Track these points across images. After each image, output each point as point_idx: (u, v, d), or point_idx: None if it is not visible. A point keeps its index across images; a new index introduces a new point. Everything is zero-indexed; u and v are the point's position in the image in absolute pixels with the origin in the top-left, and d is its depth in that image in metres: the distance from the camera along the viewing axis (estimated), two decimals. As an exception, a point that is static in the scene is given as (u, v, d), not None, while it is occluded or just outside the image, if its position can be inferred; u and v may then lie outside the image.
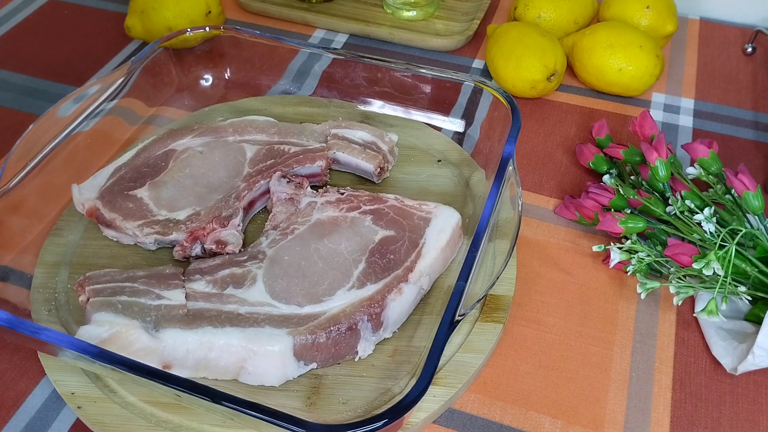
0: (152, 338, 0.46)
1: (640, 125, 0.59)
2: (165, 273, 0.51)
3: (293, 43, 0.66)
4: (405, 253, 0.52)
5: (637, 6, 0.73)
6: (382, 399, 0.47)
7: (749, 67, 0.77)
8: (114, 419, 0.46)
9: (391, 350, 0.50)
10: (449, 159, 0.64)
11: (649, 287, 0.52)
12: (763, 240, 0.50)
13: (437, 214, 0.55)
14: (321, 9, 0.83)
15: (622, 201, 0.56)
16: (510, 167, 0.51)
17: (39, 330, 0.41)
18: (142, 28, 0.75)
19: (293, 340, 0.47)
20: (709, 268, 0.48)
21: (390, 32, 0.79)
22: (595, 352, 0.51)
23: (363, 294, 0.50)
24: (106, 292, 0.49)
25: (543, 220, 0.60)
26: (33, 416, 0.48)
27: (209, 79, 0.71)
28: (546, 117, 0.71)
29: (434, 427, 0.47)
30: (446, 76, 0.62)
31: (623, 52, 0.68)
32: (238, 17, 0.84)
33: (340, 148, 0.61)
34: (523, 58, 0.68)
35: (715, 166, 0.55)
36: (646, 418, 0.48)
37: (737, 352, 0.49)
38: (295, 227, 0.54)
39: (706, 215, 0.51)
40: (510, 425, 0.47)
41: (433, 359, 0.40)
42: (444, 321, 0.42)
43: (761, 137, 0.68)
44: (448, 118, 0.68)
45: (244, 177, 0.59)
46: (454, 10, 0.83)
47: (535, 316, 0.54)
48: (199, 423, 0.45)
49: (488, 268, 0.53)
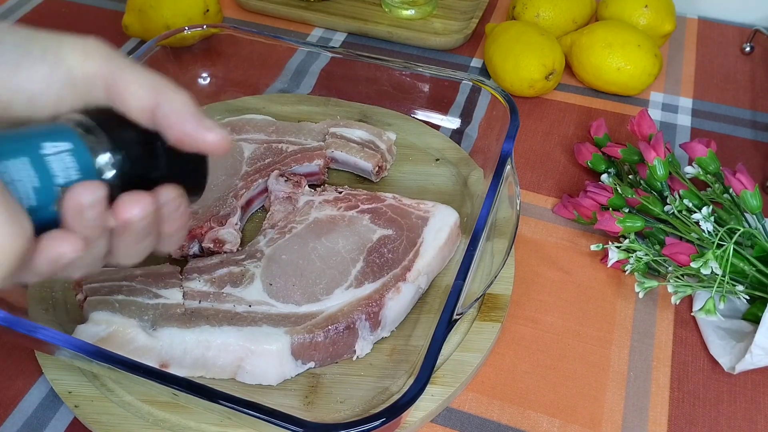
0: (149, 337, 0.46)
1: (639, 124, 0.59)
2: (162, 272, 0.51)
3: (291, 41, 0.66)
4: (403, 252, 0.52)
5: (636, 5, 0.73)
6: (379, 398, 0.47)
7: (747, 66, 0.77)
8: (111, 418, 0.46)
9: (389, 349, 0.50)
10: (447, 158, 0.64)
11: (647, 286, 0.52)
12: (761, 239, 0.50)
13: (435, 213, 0.55)
14: (319, 7, 0.82)
15: (621, 200, 0.56)
16: (508, 166, 0.51)
17: (36, 329, 0.41)
18: (139, 27, 0.74)
19: (291, 339, 0.46)
20: (707, 267, 0.48)
21: (388, 31, 0.79)
22: (593, 351, 0.51)
23: (361, 293, 0.49)
24: (104, 291, 0.49)
25: (541, 219, 0.60)
26: (30, 415, 0.48)
27: (207, 78, 0.71)
28: (544, 116, 0.71)
29: (432, 426, 0.47)
30: (444, 75, 0.62)
31: (621, 52, 0.68)
32: (236, 16, 0.84)
33: (338, 146, 0.61)
34: (521, 57, 0.68)
35: (713, 165, 0.55)
36: (644, 417, 0.48)
37: (735, 351, 0.49)
38: (293, 226, 0.54)
39: (704, 214, 0.51)
40: (508, 424, 0.47)
41: (431, 358, 0.40)
42: (442, 320, 0.42)
43: (759, 136, 0.68)
44: (447, 117, 0.68)
45: (242, 176, 0.59)
46: (453, 8, 0.83)
47: (533, 315, 0.54)
48: (196, 422, 0.45)
49: (486, 267, 0.53)
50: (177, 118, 0.32)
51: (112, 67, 0.32)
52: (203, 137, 0.33)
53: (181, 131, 0.32)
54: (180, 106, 0.32)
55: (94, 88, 0.32)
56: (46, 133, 0.30)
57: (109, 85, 0.32)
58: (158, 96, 0.32)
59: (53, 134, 0.30)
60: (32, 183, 0.29)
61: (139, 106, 0.32)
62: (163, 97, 0.32)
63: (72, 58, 0.31)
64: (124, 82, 0.32)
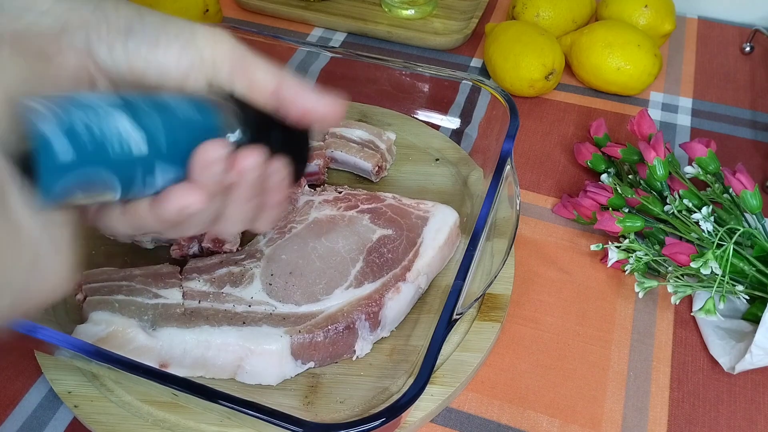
0: (149, 337, 0.46)
1: (638, 124, 0.59)
2: (162, 272, 0.51)
3: (291, 41, 0.66)
4: (403, 252, 0.52)
5: (636, 5, 0.73)
6: (379, 398, 0.47)
7: (747, 66, 0.77)
8: (111, 418, 0.46)
9: (388, 349, 0.50)
10: (447, 158, 0.64)
11: (646, 286, 0.52)
12: (761, 239, 0.50)
13: (435, 213, 0.55)
14: (319, 7, 0.82)
15: (620, 200, 0.56)
16: (508, 166, 0.51)
17: (35, 328, 0.41)
18: (139, 26, 0.74)
19: (291, 339, 0.46)
20: (707, 267, 0.48)
21: (388, 31, 0.79)
22: (593, 351, 0.51)
23: (361, 293, 0.49)
24: (103, 291, 0.49)
25: (541, 219, 0.60)
26: (29, 415, 0.48)
27: (207, 78, 0.71)
28: (544, 116, 0.71)
29: (432, 426, 0.47)
30: (444, 74, 0.62)
31: (621, 51, 0.68)
32: (236, 15, 0.84)
33: (338, 146, 0.61)
34: (521, 57, 0.68)
35: (713, 165, 0.55)
36: (644, 417, 0.48)
37: (735, 351, 0.49)
38: (292, 226, 0.54)
39: (703, 214, 0.51)
40: (508, 424, 0.47)
41: (430, 358, 0.40)
42: (442, 320, 0.42)
43: (759, 136, 0.68)
44: (447, 116, 0.68)
45: (242, 175, 0.59)
46: (453, 8, 0.83)
47: (533, 315, 0.53)
48: (196, 422, 0.45)
49: (486, 267, 0.53)
50: (299, 95, 0.37)
51: (238, 54, 0.36)
52: (322, 107, 0.38)
53: (303, 105, 0.38)
54: (299, 86, 0.38)
55: (220, 71, 0.36)
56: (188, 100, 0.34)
57: (235, 69, 0.36)
58: (280, 80, 0.37)
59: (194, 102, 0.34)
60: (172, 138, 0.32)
61: (266, 88, 0.37)
62: (284, 80, 0.37)
63: (203, 42, 0.36)
64: (252, 68, 0.37)
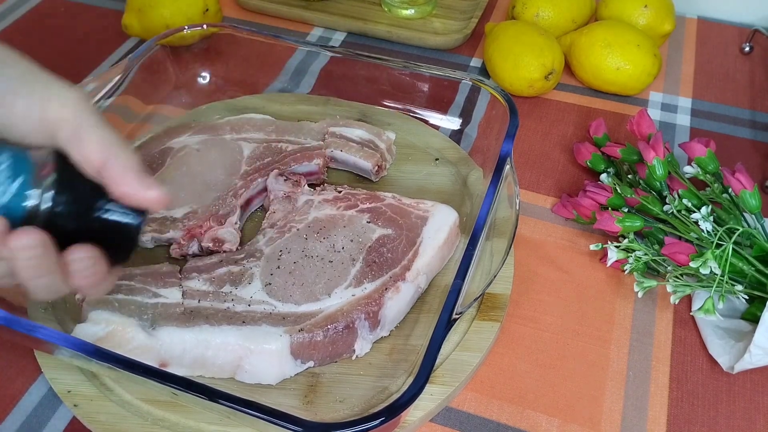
0: (149, 336, 0.46)
1: (638, 124, 0.59)
2: (162, 271, 0.51)
3: (291, 41, 0.66)
4: (402, 251, 0.52)
5: (635, 5, 0.73)
6: (379, 397, 0.47)
7: (747, 66, 0.77)
8: (110, 417, 0.46)
9: (388, 349, 0.50)
10: (447, 157, 0.64)
11: (646, 286, 0.52)
12: (760, 239, 0.50)
13: (435, 212, 0.55)
14: (319, 7, 0.82)
15: (620, 200, 0.56)
16: (507, 166, 0.51)
17: (35, 328, 0.41)
18: (139, 26, 0.74)
19: (290, 338, 0.46)
20: (706, 266, 0.48)
21: (388, 30, 0.79)
22: (593, 351, 0.51)
23: (360, 292, 0.49)
24: (103, 290, 0.49)
25: (540, 219, 0.60)
26: (29, 414, 0.48)
27: (207, 77, 0.71)
28: (543, 116, 0.71)
29: (431, 425, 0.47)
30: (444, 74, 0.62)
31: (621, 51, 0.68)
32: (236, 15, 0.84)
33: (338, 146, 0.61)
34: (520, 57, 0.68)
35: (712, 165, 0.55)
36: (643, 417, 0.48)
37: (734, 351, 0.49)
38: (292, 225, 0.54)
39: (703, 214, 0.51)
40: (507, 424, 0.47)
41: (430, 358, 0.40)
42: (441, 319, 0.42)
43: (758, 136, 0.68)
44: (446, 116, 0.68)
45: (242, 175, 0.59)
46: (452, 8, 0.83)
47: (533, 314, 0.54)
48: (195, 421, 0.45)
49: (485, 267, 0.53)
50: (122, 176, 0.37)
51: (80, 120, 0.37)
52: (143, 194, 0.37)
53: (124, 189, 0.37)
54: (126, 165, 0.37)
55: (59, 133, 0.36)
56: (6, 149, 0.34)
57: (72, 136, 0.36)
58: (109, 154, 0.37)
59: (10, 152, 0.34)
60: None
61: (92, 162, 0.37)
62: (113, 156, 0.37)
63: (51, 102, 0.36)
64: (86, 138, 0.37)
